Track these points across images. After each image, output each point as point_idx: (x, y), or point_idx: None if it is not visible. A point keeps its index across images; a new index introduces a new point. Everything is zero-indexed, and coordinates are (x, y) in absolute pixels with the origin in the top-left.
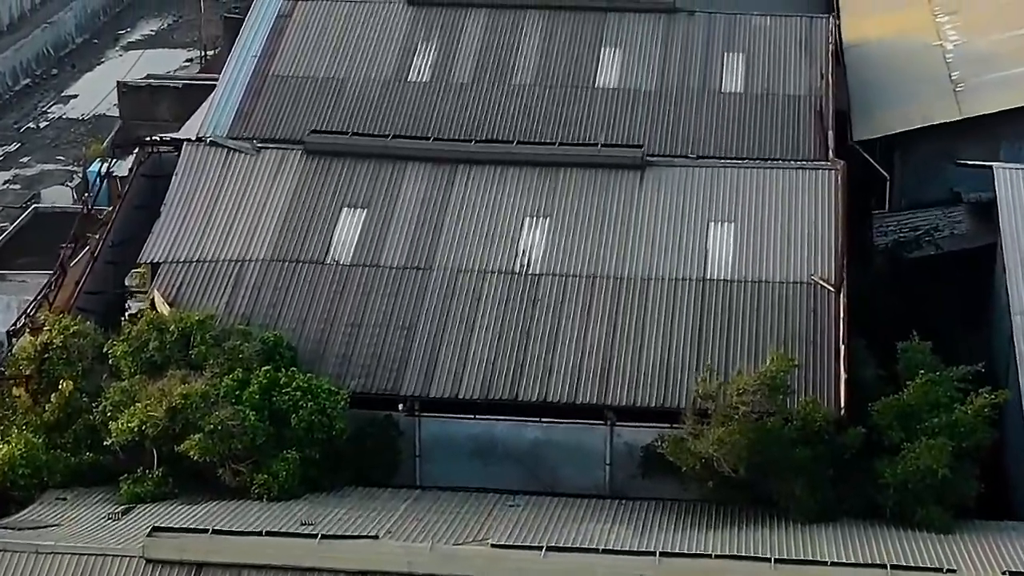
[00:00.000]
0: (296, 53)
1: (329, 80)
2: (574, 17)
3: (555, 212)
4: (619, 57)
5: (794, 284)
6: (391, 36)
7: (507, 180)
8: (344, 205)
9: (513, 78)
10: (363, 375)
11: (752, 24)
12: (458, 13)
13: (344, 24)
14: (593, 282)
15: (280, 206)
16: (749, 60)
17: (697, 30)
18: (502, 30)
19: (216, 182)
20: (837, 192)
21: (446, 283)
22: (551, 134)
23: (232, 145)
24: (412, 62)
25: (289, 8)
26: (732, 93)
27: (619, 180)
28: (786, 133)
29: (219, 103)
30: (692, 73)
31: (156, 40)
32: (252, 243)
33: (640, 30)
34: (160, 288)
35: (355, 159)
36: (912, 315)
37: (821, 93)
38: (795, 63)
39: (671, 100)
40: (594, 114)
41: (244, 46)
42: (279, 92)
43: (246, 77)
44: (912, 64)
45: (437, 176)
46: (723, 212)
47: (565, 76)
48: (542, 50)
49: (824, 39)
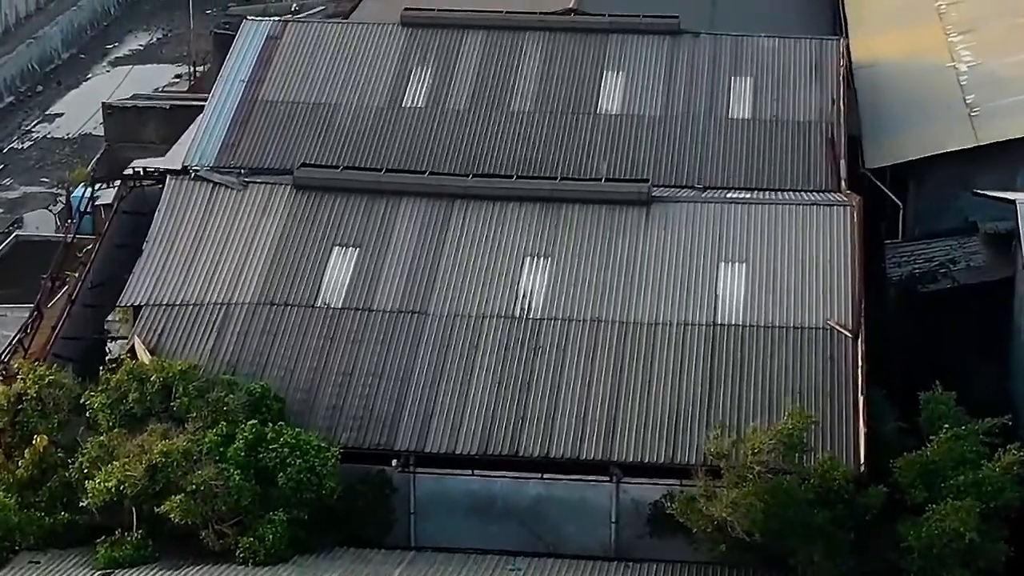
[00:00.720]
0: (286, 77)
1: (320, 106)
2: (575, 39)
3: (557, 252)
4: (622, 81)
5: (809, 330)
6: (385, 59)
7: (506, 217)
8: (335, 244)
9: (512, 103)
10: (355, 428)
11: (759, 46)
12: (454, 34)
13: (336, 47)
14: (597, 327)
15: (268, 245)
16: (757, 84)
17: (703, 53)
18: (500, 52)
19: (201, 219)
20: (853, 230)
21: (442, 329)
22: (551, 163)
23: (218, 179)
24: (407, 87)
25: (279, 30)
26: (740, 119)
27: (624, 217)
28: (796, 162)
29: (205, 131)
30: (698, 98)
31: (144, 55)
32: (238, 285)
33: (644, 53)
34: (141, 334)
35: (347, 194)
36: (928, 351)
37: (832, 119)
38: (805, 88)
39: (676, 127)
40: (596, 142)
41: (232, 70)
42: (268, 119)
43: (234, 103)
44: (925, 87)
45: (432, 213)
46: (733, 251)
47: (566, 101)
48: (542, 74)
49: (835, 62)
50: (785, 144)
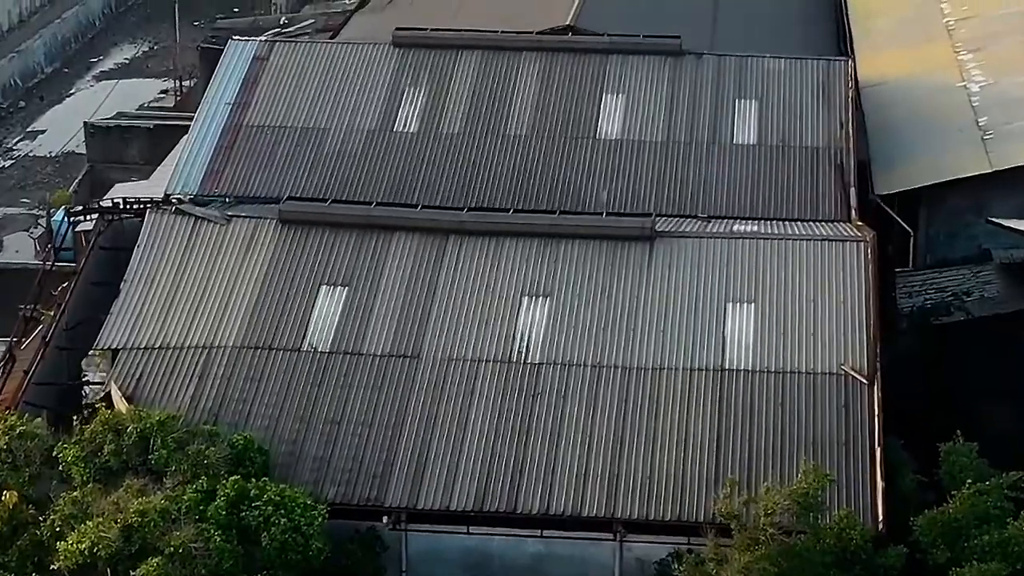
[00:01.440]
0: (273, 100)
1: (308, 131)
2: (573, 60)
3: (556, 291)
4: (622, 105)
5: (822, 375)
6: (376, 81)
7: (502, 254)
8: (323, 283)
9: (508, 128)
10: (343, 482)
11: (765, 68)
12: (448, 55)
13: (325, 68)
14: (599, 373)
15: (252, 284)
16: (762, 108)
17: (706, 75)
18: (495, 74)
19: (182, 256)
20: (868, 268)
21: (436, 374)
22: (549, 191)
23: (200, 213)
24: (398, 110)
25: (265, 50)
26: (745, 145)
27: (626, 253)
28: (804, 190)
29: (189, 157)
30: (701, 123)
31: (130, 69)
32: (221, 327)
33: (645, 75)
34: (118, 380)
35: (335, 229)
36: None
37: (841, 144)
38: (812, 111)
39: (679, 153)
40: (596, 169)
41: (216, 93)
42: (254, 144)
43: (218, 128)
44: (935, 107)
45: (425, 249)
46: (742, 291)
47: (564, 126)
48: (539, 96)
49: (843, 84)
50: (792, 171)
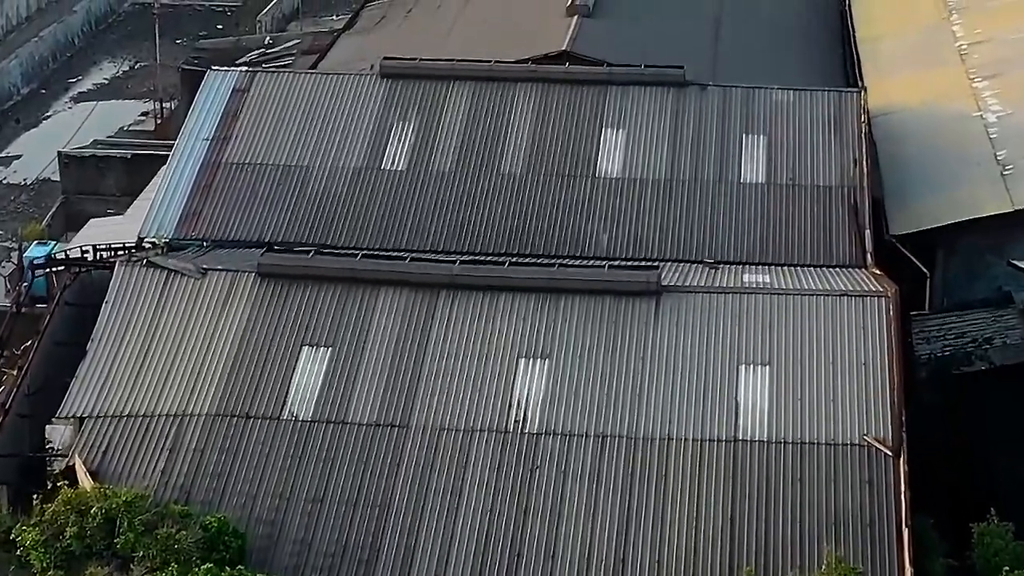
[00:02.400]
0: (253, 136)
1: (291, 168)
2: (571, 92)
3: (555, 352)
4: (623, 140)
5: (844, 447)
6: (363, 114)
7: (497, 310)
8: (304, 343)
9: (502, 165)
10: (326, 567)
11: (773, 100)
12: (439, 87)
13: (309, 100)
14: (602, 444)
15: (228, 345)
16: (771, 144)
17: (711, 108)
18: (489, 107)
19: (153, 314)
20: (890, 326)
21: (426, 446)
22: (546, 236)
23: (172, 266)
24: (387, 146)
25: (246, 81)
26: (753, 184)
27: (630, 310)
28: (816, 232)
29: (164, 197)
30: (707, 160)
31: (109, 89)
32: (194, 393)
33: (646, 107)
34: (83, 452)
35: (318, 284)
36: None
37: (855, 182)
38: (823, 147)
39: (683, 193)
40: (596, 210)
41: (194, 127)
42: (233, 183)
43: (196, 165)
44: (951, 139)
45: (414, 306)
46: (755, 352)
47: (561, 163)
48: (534, 131)
49: (855, 118)
50: (803, 212)
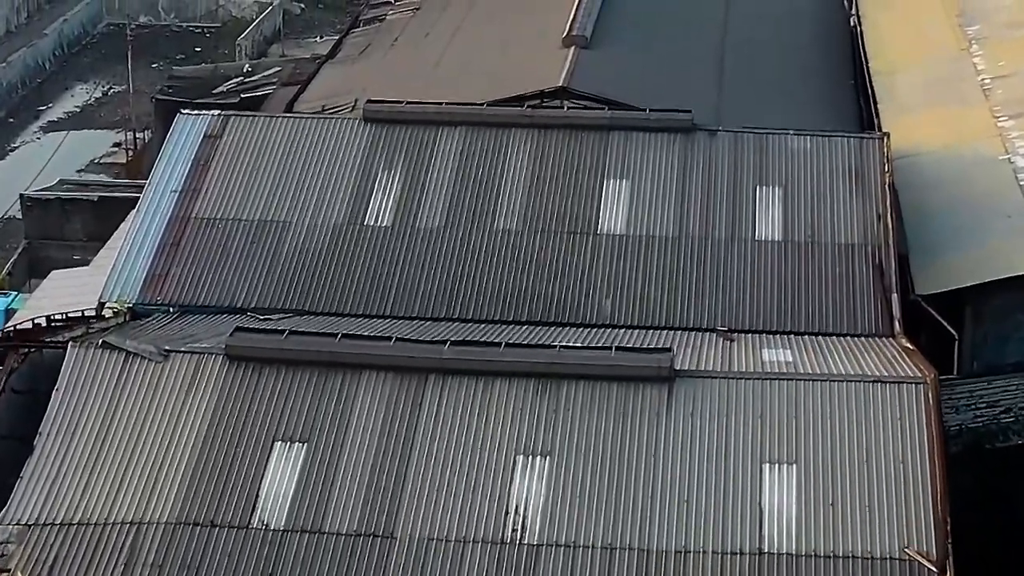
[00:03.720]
0: (225, 188)
1: (266, 224)
2: (570, 138)
3: (557, 448)
4: (627, 192)
5: (882, 561)
6: (345, 163)
7: (492, 399)
8: (277, 438)
9: (496, 221)
10: None
11: (788, 147)
12: (427, 132)
13: (286, 148)
14: (611, 557)
15: (192, 440)
16: (788, 196)
17: (721, 155)
18: (482, 155)
19: (109, 404)
20: (931, 419)
21: (413, 559)
22: (544, 302)
23: (131, 348)
24: (370, 199)
25: (219, 126)
26: (769, 241)
27: (641, 399)
28: (838, 296)
29: (128, 257)
30: (718, 215)
31: (81, 118)
32: (153, 497)
33: (652, 155)
34: (27, 566)
35: (292, 368)
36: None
37: (879, 240)
38: (844, 200)
39: (693, 252)
40: (598, 272)
41: (162, 178)
42: (203, 242)
43: (163, 220)
44: (978, 186)
45: (399, 393)
46: (780, 448)
47: (560, 218)
48: (532, 182)
49: (878, 167)
50: (824, 273)
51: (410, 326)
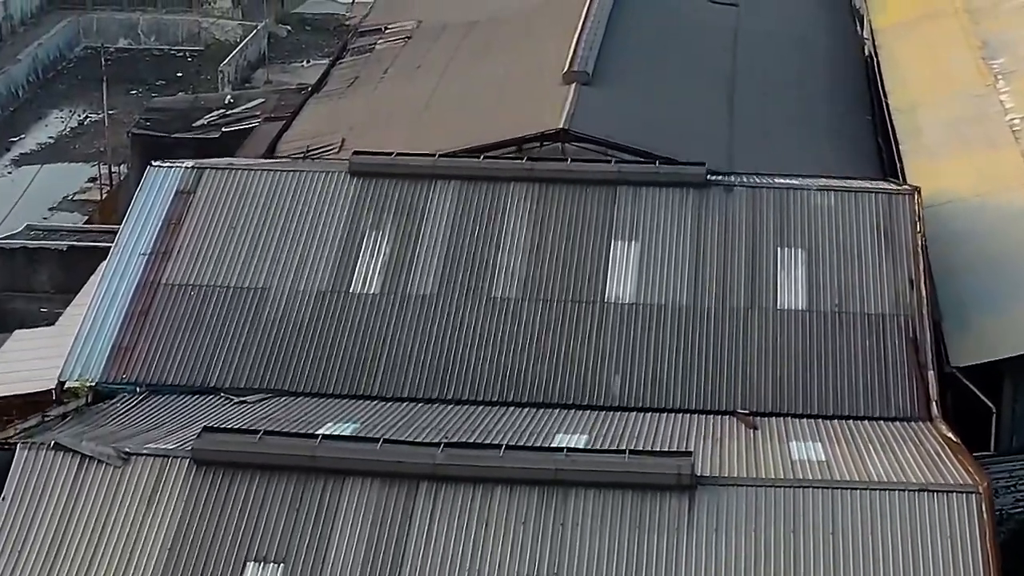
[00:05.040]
0: (199, 250)
1: (243, 292)
2: (574, 194)
3: (564, 568)
4: (636, 255)
5: None
6: (329, 222)
7: (491, 510)
8: (249, 558)
9: (494, 287)
10: None
11: (811, 204)
12: (418, 187)
13: (266, 204)
14: None
15: (152, 559)
16: (812, 260)
17: (739, 213)
18: (478, 213)
19: (61, 515)
20: (985, 535)
21: None
22: (546, 380)
23: (87, 451)
24: (356, 263)
25: (192, 181)
26: (792, 311)
27: (658, 511)
28: (869, 374)
29: (92, 329)
30: (736, 281)
31: (55, 150)
32: None
33: (663, 213)
34: None
35: (267, 474)
36: None
37: (912, 309)
38: (873, 263)
39: (710, 324)
40: (605, 346)
41: (129, 239)
42: (174, 311)
43: (130, 288)
44: (1011, 240)
45: (387, 504)
46: (815, 570)
47: (563, 285)
48: (532, 244)
49: (909, 226)
50: (852, 348)
51: (399, 410)
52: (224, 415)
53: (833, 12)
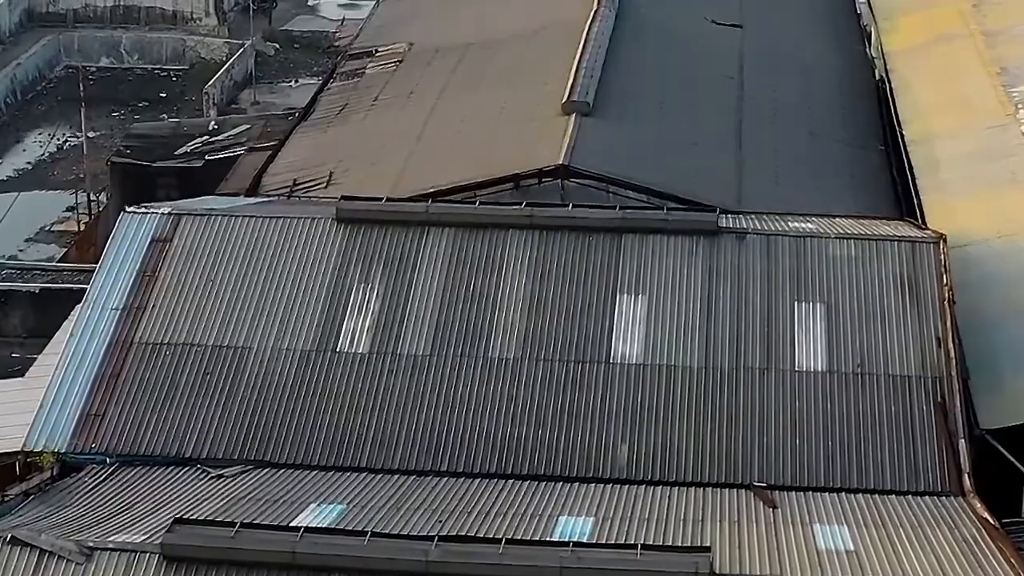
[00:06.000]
0: (176, 304)
1: (222, 351)
2: (577, 242)
3: None
4: (644, 311)
5: None
6: (315, 274)
7: None
8: None
9: (491, 347)
10: None
11: (829, 253)
12: (410, 236)
13: (247, 254)
14: None
15: None
16: (831, 315)
17: (753, 264)
18: (474, 264)
19: None
20: None
21: None
22: (547, 449)
23: (46, 545)
24: (344, 319)
25: (169, 228)
26: (811, 373)
27: None
28: (895, 444)
29: (59, 393)
30: (751, 339)
31: (33, 176)
32: None
33: (672, 264)
34: None
35: (245, 572)
36: None
37: (940, 371)
38: (897, 319)
39: (723, 387)
40: (610, 411)
41: (101, 293)
42: (147, 373)
43: (100, 347)
44: None
45: None
46: None
47: (566, 343)
48: (532, 298)
49: (935, 277)
50: (877, 414)
51: (389, 485)
52: (199, 493)
53: (840, 30)
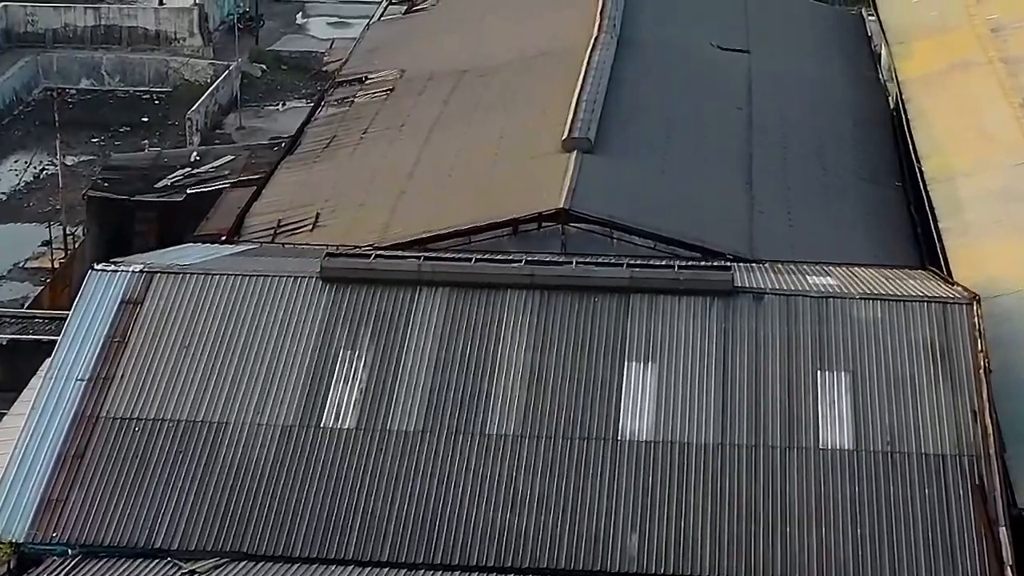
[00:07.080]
0: (146, 375)
1: (196, 427)
2: (581, 303)
3: None
4: (654, 381)
5: None
6: (297, 340)
7: None
8: None
9: (488, 422)
10: None
11: (853, 315)
12: (400, 295)
13: (224, 318)
14: None
15: None
16: (857, 386)
17: (772, 329)
18: (470, 328)
19: None
20: None
21: None
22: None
23: None
24: (329, 391)
25: (140, 288)
26: (837, 451)
27: None
28: (929, 532)
29: (17, 475)
30: (771, 412)
31: (7, 208)
32: None
33: (684, 329)
34: None
35: None
36: None
37: (977, 448)
38: (928, 389)
39: (741, 468)
40: (619, 495)
41: (65, 361)
42: (114, 452)
43: (64, 424)
44: None
45: None
46: None
47: (570, 419)
48: (533, 367)
49: (969, 343)
50: (908, 496)
51: None
52: None
53: (850, 53)
